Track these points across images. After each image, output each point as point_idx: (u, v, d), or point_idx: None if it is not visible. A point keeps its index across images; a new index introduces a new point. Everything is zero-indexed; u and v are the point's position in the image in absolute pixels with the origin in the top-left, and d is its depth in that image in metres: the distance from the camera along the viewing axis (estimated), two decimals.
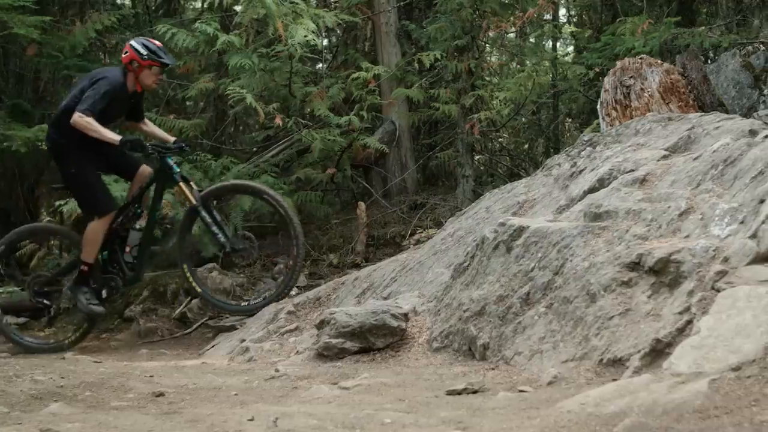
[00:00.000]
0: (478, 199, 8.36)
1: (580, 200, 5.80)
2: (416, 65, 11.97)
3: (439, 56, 11.65)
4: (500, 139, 15.27)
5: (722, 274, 3.92)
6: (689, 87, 8.40)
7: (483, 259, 5.42)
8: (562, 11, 17.41)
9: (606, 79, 8.61)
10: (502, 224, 5.47)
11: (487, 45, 13.85)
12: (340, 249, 11.53)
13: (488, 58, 14.74)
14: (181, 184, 8.01)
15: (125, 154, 7.96)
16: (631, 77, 8.24)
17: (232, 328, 8.03)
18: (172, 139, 8.33)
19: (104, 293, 8.20)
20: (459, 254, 6.35)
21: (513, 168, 14.27)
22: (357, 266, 10.33)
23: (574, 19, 17.25)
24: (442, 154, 12.72)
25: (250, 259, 8.43)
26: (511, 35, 15.12)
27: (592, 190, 5.82)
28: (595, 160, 6.42)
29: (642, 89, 8.16)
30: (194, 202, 7.96)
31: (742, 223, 4.29)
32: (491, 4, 11.84)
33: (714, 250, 4.13)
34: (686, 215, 4.68)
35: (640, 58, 8.53)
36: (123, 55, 7.89)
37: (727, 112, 8.07)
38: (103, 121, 7.62)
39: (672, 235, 4.58)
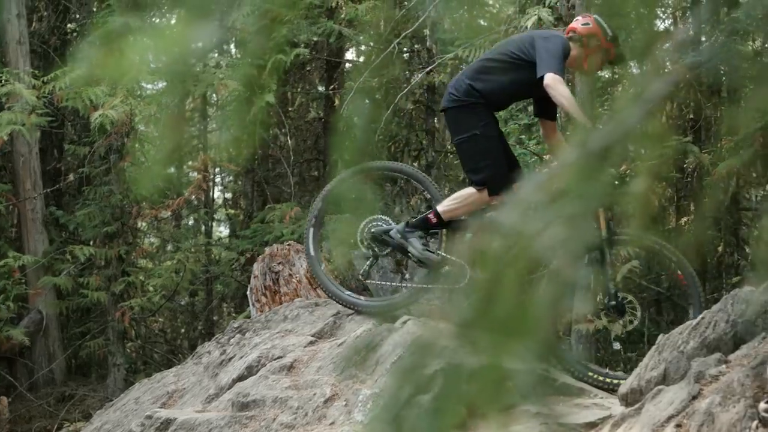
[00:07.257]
0: (128, 390, 8.10)
1: (229, 389, 5.76)
2: (68, 256, 11.72)
3: (92, 250, 11.48)
4: (156, 324, 15.09)
5: None
6: None
7: None
8: (218, 193, 17.77)
9: (255, 265, 8.73)
10: (149, 417, 5.32)
11: (139, 230, 13.78)
12: None
13: (141, 242, 14.64)
14: None
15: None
16: (279, 263, 8.41)
17: None
18: None
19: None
20: None
21: (168, 355, 14.04)
22: None
23: (230, 203, 17.63)
24: (93, 342, 12.37)
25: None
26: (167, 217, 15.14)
27: (240, 378, 5.80)
28: (244, 347, 6.42)
29: (290, 275, 8.34)
30: (603, 236, 5.99)
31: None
32: (142, 190, 11.87)
33: None
34: (331, 402, 4.76)
35: (288, 245, 8.74)
36: (578, 25, 6.22)
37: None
38: (504, 99, 6.34)
39: (318, 423, 4.63)
